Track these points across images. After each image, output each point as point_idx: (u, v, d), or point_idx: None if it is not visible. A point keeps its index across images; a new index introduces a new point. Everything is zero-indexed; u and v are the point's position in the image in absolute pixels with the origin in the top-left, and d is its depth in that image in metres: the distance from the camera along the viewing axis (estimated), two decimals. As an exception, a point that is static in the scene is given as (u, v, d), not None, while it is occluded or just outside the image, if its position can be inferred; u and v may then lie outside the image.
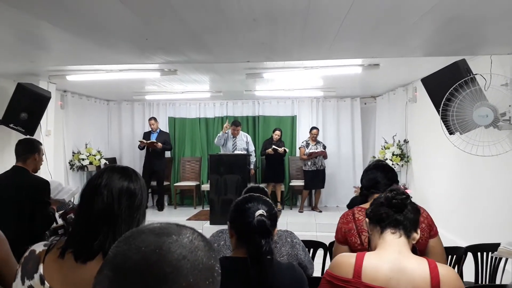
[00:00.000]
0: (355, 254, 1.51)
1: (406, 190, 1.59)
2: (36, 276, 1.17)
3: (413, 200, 1.61)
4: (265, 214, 1.49)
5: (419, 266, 1.41)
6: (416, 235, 1.53)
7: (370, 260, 1.46)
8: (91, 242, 1.16)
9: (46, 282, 1.16)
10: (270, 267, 1.45)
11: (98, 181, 1.23)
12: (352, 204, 3.06)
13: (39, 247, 1.22)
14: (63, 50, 3.46)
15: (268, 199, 1.63)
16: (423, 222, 2.02)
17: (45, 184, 3.04)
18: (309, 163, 7.19)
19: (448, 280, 1.38)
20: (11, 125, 4.42)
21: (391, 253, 1.46)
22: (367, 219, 1.60)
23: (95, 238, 1.17)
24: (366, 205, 2.13)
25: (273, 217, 1.55)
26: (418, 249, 1.92)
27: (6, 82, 4.79)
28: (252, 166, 7.33)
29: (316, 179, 7.20)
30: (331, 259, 2.40)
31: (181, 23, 2.54)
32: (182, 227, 0.68)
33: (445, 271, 1.41)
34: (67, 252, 1.18)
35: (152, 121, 7.52)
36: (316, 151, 7.09)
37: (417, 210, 1.56)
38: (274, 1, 2.19)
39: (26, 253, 1.22)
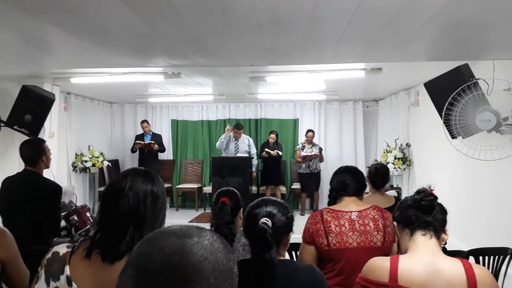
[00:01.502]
0: (388, 257, 1.50)
1: (432, 192, 1.60)
2: (63, 278, 1.19)
3: None
4: (268, 222, 1.43)
5: (454, 267, 1.42)
6: (445, 236, 1.54)
7: (405, 263, 1.46)
8: (117, 243, 1.19)
9: (73, 283, 1.18)
10: (276, 269, 1.42)
11: (122, 184, 1.26)
12: None
13: (62, 249, 1.24)
14: (68, 53, 3.49)
15: (282, 202, 1.58)
16: (390, 226, 2.05)
17: (59, 189, 3.01)
18: (303, 165, 7.26)
19: (484, 280, 1.39)
20: (15, 127, 4.45)
21: (424, 255, 1.46)
22: (395, 223, 1.61)
23: (121, 239, 1.20)
24: (335, 207, 2.17)
25: (282, 223, 1.49)
26: (384, 253, 1.94)
27: (11, 84, 4.82)
28: (254, 169, 7.36)
29: (310, 181, 7.25)
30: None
31: (186, 27, 2.56)
32: (202, 230, 0.70)
33: (480, 271, 1.42)
34: (94, 253, 1.20)
35: (145, 124, 7.56)
36: (310, 154, 7.13)
37: (444, 210, 1.57)
38: (279, 7, 2.21)
39: (48, 255, 1.24)
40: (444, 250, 1.58)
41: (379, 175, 3.11)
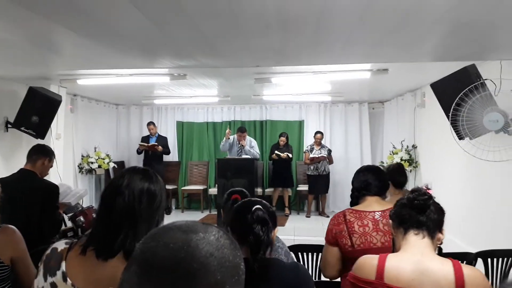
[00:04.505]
0: (377, 255, 1.50)
1: (428, 191, 1.59)
2: (59, 273, 1.20)
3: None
4: (261, 208, 1.57)
5: (443, 267, 1.40)
6: (441, 236, 1.52)
7: (393, 262, 1.45)
8: (112, 240, 1.20)
9: (68, 279, 1.19)
10: (270, 265, 1.48)
11: (120, 182, 1.26)
12: None
13: (60, 245, 1.25)
14: (75, 54, 3.51)
15: (263, 201, 1.69)
16: None
17: (55, 189, 3.05)
18: (311, 167, 7.23)
19: (474, 281, 1.37)
20: (22, 128, 4.48)
21: (414, 255, 1.45)
22: (390, 221, 1.60)
23: (116, 236, 1.20)
24: (357, 207, 2.15)
25: (271, 214, 1.60)
26: None
27: (18, 85, 4.85)
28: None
29: (318, 184, 7.22)
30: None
31: (194, 28, 2.57)
32: (207, 225, 0.69)
33: (471, 271, 1.40)
34: (89, 249, 1.21)
35: (151, 126, 7.59)
36: (318, 156, 7.11)
37: (441, 210, 1.55)
38: (287, 8, 2.21)
39: (48, 251, 1.25)
40: (440, 250, 1.56)
41: (402, 173, 3.06)
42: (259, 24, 2.47)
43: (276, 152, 7.25)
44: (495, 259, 2.87)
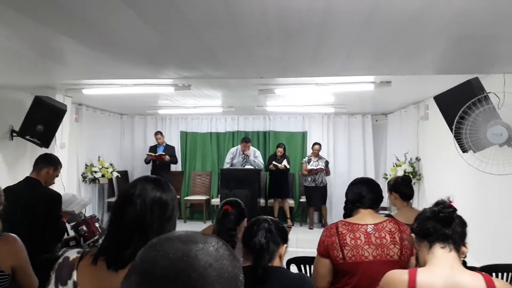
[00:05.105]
0: (406, 270, 1.48)
1: (451, 203, 1.58)
2: (70, 283, 1.20)
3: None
4: (269, 221, 1.68)
5: (474, 281, 1.39)
6: (465, 249, 1.51)
7: (424, 277, 1.43)
8: (123, 250, 1.18)
9: None
10: (274, 273, 1.53)
11: (131, 191, 1.25)
12: None
13: (72, 254, 1.25)
14: (81, 64, 3.55)
15: (274, 218, 1.78)
16: (407, 239, 2.02)
17: (58, 197, 3.07)
18: (309, 179, 7.24)
19: None
20: (27, 137, 4.51)
21: (443, 269, 1.43)
22: (413, 234, 1.58)
23: (127, 246, 1.18)
24: (350, 219, 2.14)
25: (280, 229, 1.67)
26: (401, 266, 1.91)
27: (24, 95, 4.90)
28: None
29: (315, 195, 7.21)
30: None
31: (197, 39, 2.60)
32: (207, 236, 0.69)
33: (502, 285, 1.39)
34: (100, 259, 1.20)
35: (159, 135, 7.63)
36: (315, 168, 7.10)
37: (464, 223, 1.54)
38: (289, 19, 2.23)
39: (60, 260, 1.25)
40: (464, 263, 1.55)
41: (408, 185, 3.04)
42: (260, 34, 2.49)
43: (273, 162, 7.27)
44: (499, 274, 2.84)
